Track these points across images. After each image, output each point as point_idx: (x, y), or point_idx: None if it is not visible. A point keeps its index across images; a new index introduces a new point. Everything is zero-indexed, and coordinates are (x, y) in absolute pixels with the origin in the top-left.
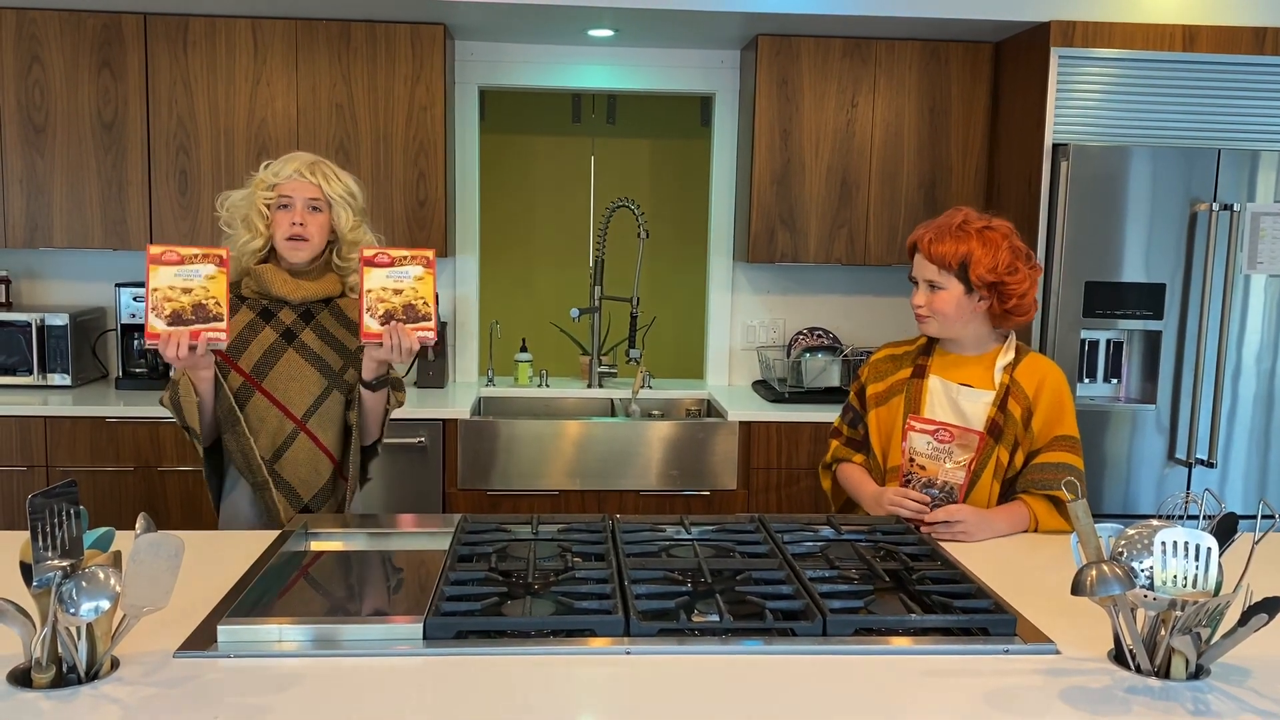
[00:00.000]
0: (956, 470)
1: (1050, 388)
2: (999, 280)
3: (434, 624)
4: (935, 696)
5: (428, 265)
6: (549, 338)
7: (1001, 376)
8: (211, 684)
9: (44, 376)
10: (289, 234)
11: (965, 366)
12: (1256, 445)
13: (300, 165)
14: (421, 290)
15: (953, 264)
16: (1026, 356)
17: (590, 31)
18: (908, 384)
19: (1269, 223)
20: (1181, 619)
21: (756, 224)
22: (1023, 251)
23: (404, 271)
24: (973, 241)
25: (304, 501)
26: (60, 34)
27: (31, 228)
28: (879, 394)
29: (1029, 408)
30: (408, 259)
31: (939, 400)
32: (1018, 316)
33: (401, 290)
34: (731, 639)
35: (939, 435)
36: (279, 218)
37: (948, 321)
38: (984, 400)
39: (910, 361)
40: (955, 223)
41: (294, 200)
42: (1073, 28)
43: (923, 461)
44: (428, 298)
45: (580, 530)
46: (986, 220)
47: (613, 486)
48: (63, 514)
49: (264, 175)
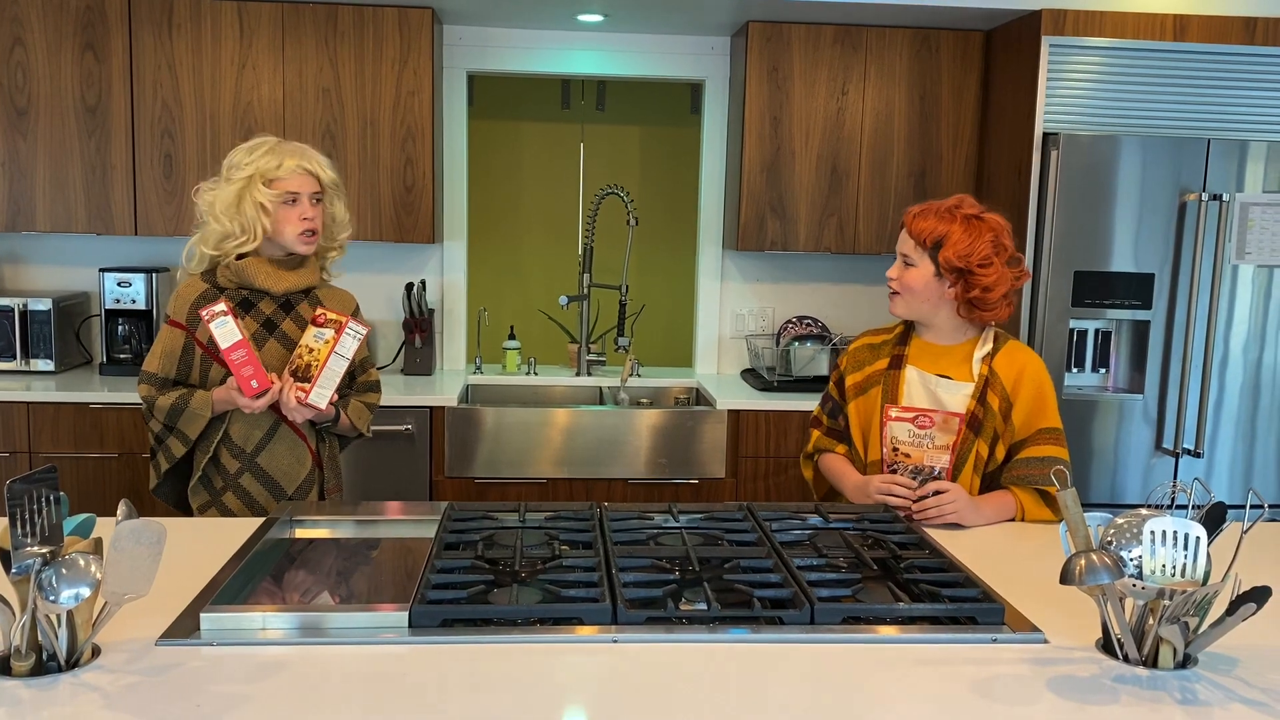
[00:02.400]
0: (939, 454)
1: (1029, 379)
2: (967, 268)
3: (419, 612)
4: (923, 685)
5: (338, 330)
6: (537, 325)
7: (980, 368)
8: (194, 672)
9: (27, 362)
10: (300, 229)
11: (942, 357)
12: (1243, 435)
13: (300, 159)
14: (321, 352)
15: (927, 241)
16: (1005, 345)
17: (579, 16)
18: (885, 375)
19: (1257, 213)
20: (1169, 608)
21: (746, 212)
22: (1007, 250)
23: (322, 333)
24: (954, 225)
25: (287, 494)
26: (43, 15)
27: (14, 212)
28: (858, 384)
29: (1008, 399)
30: (331, 322)
31: (917, 392)
32: (982, 310)
33: (314, 349)
34: (719, 627)
35: (919, 421)
36: (284, 213)
37: (915, 301)
38: (963, 393)
39: (888, 351)
40: (947, 205)
41: (300, 195)
42: (1064, 16)
43: (906, 449)
44: (319, 361)
45: (568, 518)
46: (981, 210)
47: (601, 475)
48: (42, 500)
49: (259, 169)
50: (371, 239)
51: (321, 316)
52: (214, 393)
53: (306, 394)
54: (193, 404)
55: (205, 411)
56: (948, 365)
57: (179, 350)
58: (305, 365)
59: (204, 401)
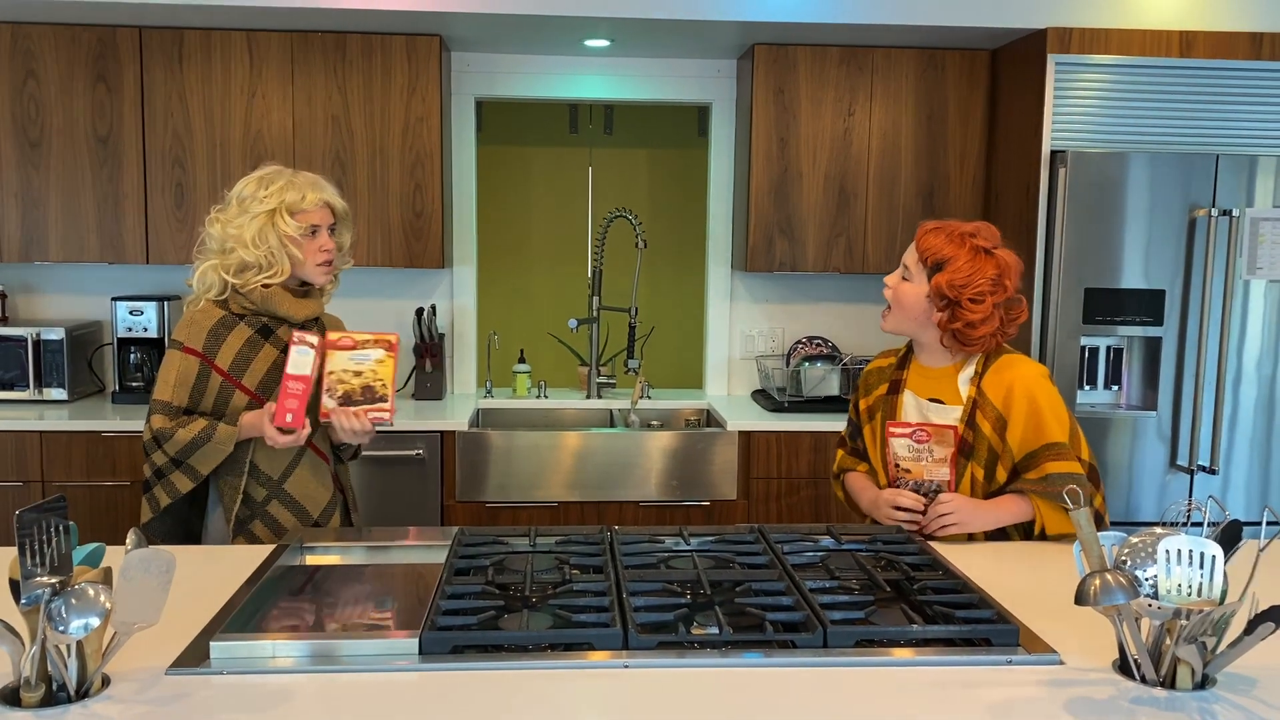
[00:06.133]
0: (939, 466)
1: (1020, 395)
2: (957, 299)
3: (430, 639)
4: (937, 708)
5: (389, 349)
6: (547, 349)
7: (968, 389)
8: (204, 701)
9: (40, 391)
10: (320, 260)
11: (934, 379)
12: (1258, 451)
13: (320, 192)
14: (381, 373)
15: (927, 260)
16: (996, 363)
17: (586, 42)
18: (884, 401)
19: (1268, 228)
20: (1186, 628)
21: (755, 233)
22: (1006, 291)
23: (365, 355)
24: (961, 251)
25: (313, 518)
26: (55, 48)
27: (27, 242)
28: (869, 407)
29: (1002, 419)
30: (370, 343)
31: (912, 415)
32: (963, 343)
33: (361, 372)
34: (731, 651)
35: (916, 436)
36: (306, 244)
37: (903, 316)
38: (953, 416)
39: (889, 375)
40: (964, 230)
41: (320, 227)
42: (1069, 34)
43: (906, 464)
44: (386, 380)
45: (578, 542)
46: (995, 245)
47: (612, 498)
48: (51, 530)
49: (284, 201)
50: (382, 265)
51: (346, 340)
52: (244, 417)
53: (390, 415)
54: (218, 436)
55: (229, 445)
56: (938, 388)
57: (194, 377)
58: (364, 386)
59: (229, 434)
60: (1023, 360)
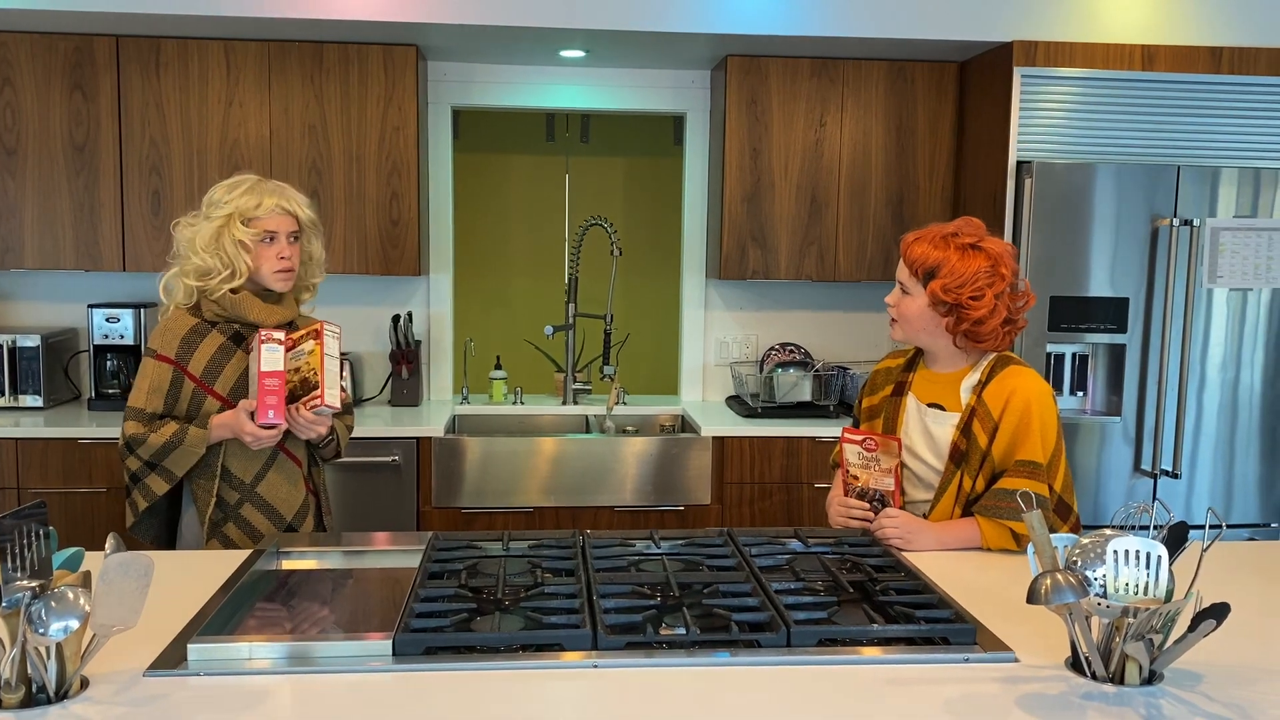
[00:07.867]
0: (884, 477)
1: (1013, 408)
2: (957, 302)
3: (403, 640)
4: (897, 705)
5: (315, 337)
6: (523, 355)
7: (969, 398)
8: (182, 703)
9: (16, 398)
10: (277, 267)
11: (938, 385)
12: (1221, 455)
13: (279, 198)
14: (312, 362)
15: (919, 271)
16: (1001, 372)
17: (562, 52)
18: (888, 402)
19: (1228, 237)
20: (1134, 625)
21: (728, 241)
22: (1004, 280)
23: (300, 350)
24: (948, 253)
25: (286, 520)
26: (32, 56)
27: (3, 249)
28: (872, 407)
29: (995, 429)
30: (303, 337)
31: (913, 421)
32: (977, 341)
33: (299, 368)
34: (698, 651)
35: (866, 444)
36: (262, 251)
37: (911, 328)
38: (950, 423)
39: (895, 377)
40: (945, 231)
41: (278, 234)
42: (1035, 48)
43: (856, 471)
44: (316, 367)
45: (551, 546)
46: (979, 237)
47: (587, 503)
48: (31, 535)
49: (239, 207)
50: (358, 272)
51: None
52: (214, 419)
53: (321, 398)
54: (188, 440)
55: (200, 447)
56: (941, 394)
57: (167, 384)
58: (301, 380)
59: (200, 437)
60: (1029, 374)
